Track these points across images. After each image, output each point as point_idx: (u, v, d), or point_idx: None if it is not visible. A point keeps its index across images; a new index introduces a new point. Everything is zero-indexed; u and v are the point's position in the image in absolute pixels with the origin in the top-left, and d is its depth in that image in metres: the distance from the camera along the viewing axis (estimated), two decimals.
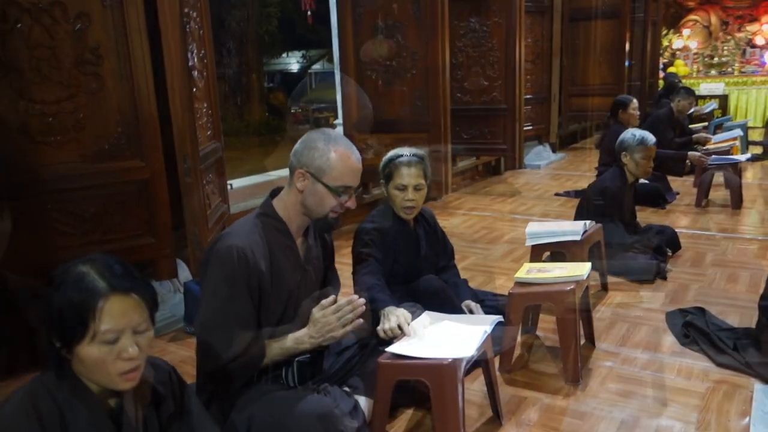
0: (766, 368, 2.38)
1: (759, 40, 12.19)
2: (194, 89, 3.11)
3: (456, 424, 1.86)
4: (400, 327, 2.06)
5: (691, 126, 7.21)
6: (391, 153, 2.66)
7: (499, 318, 2.14)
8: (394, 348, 1.94)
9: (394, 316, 2.08)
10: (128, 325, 1.22)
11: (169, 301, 3.21)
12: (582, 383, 2.41)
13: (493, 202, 5.86)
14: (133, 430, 1.31)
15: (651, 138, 3.64)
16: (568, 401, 2.30)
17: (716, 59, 12.41)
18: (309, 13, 9.68)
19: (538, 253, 3.22)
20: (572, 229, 3.12)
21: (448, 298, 2.56)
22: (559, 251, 3.13)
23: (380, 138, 4.65)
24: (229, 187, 3.87)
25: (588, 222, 3.21)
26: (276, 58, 26.24)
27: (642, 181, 4.35)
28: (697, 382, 2.40)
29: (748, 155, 6.04)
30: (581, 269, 2.51)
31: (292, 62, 29.01)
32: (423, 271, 2.73)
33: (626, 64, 9.02)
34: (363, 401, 2.05)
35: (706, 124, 8.01)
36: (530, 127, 7.35)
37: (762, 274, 3.18)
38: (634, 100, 5.61)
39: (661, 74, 11.63)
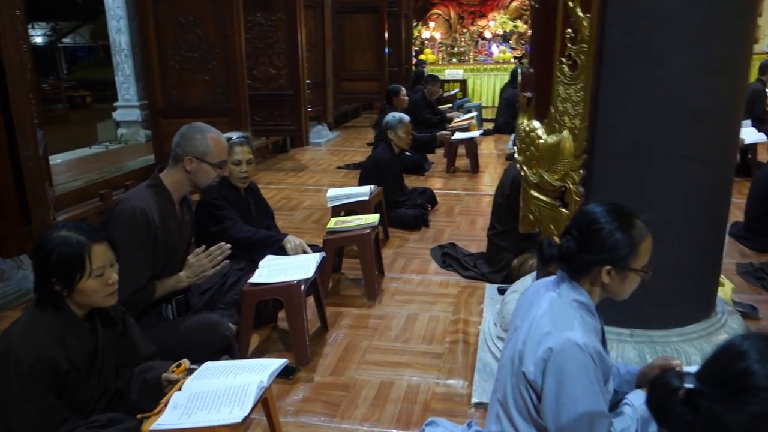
0: (492, 275, 3.61)
1: (488, 34, 14.60)
2: None
3: (302, 327, 2.68)
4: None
5: (439, 107, 8.75)
6: (224, 136, 3.31)
7: (323, 253, 3.00)
8: (253, 279, 2.68)
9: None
10: (107, 261, 1.81)
11: (14, 277, 3.49)
12: (378, 299, 3.39)
13: (286, 176, 6.68)
14: (102, 341, 1.90)
15: (407, 117, 4.81)
16: (370, 310, 3.27)
17: (456, 49, 14.58)
18: None
19: (336, 212, 4.15)
20: (361, 191, 4.11)
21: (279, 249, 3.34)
22: (352, 209, 4.08)
23: (186, 122, 5.13)
24: None
25: (372, 186, 4.21)
26: None
27: (407, 154, 5.53)
28: (452, 288, 3.54)
29: (482, 131, 7.67)
30: (373, 218, 3.49)
31: (37, 34, 26.20)
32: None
33: (386, 51, 10.41)
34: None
35: (450, 105, 9.70)
36: (311, 109, 8.24)
37: None
38: (403, 89, 6.84)
39: (414, 61, 13.36)
